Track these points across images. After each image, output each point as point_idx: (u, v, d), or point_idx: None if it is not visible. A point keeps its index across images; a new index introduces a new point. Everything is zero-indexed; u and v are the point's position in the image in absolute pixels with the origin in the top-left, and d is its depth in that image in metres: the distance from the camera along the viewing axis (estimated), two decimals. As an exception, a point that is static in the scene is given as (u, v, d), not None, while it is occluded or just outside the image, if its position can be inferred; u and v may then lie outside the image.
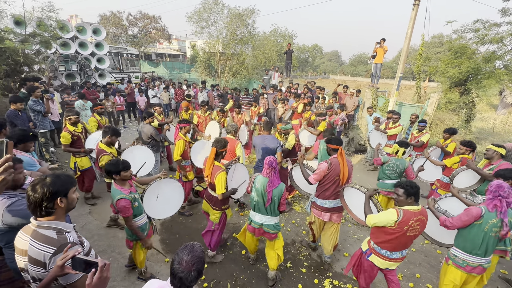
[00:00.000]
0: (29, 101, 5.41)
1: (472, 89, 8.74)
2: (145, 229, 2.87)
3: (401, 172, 4.02)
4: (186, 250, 1.39)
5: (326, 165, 3.21)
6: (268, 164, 2.93)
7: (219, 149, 3.18)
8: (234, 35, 14.70)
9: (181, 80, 14.55)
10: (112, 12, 28.24)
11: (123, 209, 2.55)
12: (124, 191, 2.61)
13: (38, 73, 8.73)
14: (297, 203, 5.14)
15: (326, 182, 3.27)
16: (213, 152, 3.15)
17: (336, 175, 3.20)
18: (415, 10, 6.89)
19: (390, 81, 35.62)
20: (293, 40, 25.05)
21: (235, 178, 3.45)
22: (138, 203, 2.77)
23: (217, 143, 3.18)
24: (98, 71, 12.05)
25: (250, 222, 3.13)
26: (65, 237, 1.44)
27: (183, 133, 4.35)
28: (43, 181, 1.41)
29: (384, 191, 4.16)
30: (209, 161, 3.16)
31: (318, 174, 3.23)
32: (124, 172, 2.66)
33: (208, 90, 10.96)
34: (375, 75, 9.26)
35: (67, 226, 1.50)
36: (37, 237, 1.40)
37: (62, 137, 4.38)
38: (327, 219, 3.37)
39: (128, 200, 2.58)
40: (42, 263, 1.37)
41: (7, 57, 6.60)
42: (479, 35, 8.35)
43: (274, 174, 2.93)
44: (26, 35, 7.42)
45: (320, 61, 62.41)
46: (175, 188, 3.42)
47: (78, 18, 23.57)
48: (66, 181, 1.50)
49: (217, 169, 3.11)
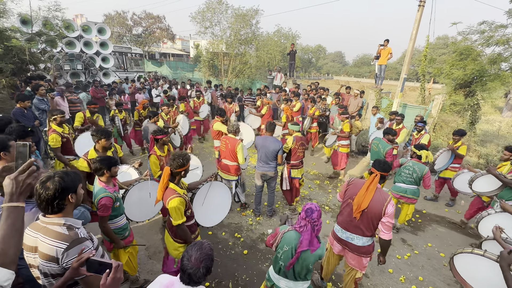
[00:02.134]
0: (34, 100, 5.46)
1: (477, 91, 8.67)
2: (127, 228, 2.79)
3: (418, 177, 3.90)
4: (196, 247, 1.45)
5: (349, 179, 2.73)
6: (305, 212, 2.08)
7: (174, 169, 2.45)
8: (237, 35, 14.73)
9: (185, 79, 14.61)
10: (117, 12, 28.42)
11: (104, 207, 2.43)
12: (109, 189, 2.52)
13: (44, 71, 8.82)
14: (299, 203, 5.12)
15: (343, 200, 2.72)
16: (166, 172, 2.46)
17: (350, 197, 2.59)
18: (420, 11, 6.84)
19: (394, 82, 35.43)
20: (296, 40, 25.05)
21: (210, 201, 2.98)
22: (120, 203, 2.68)
23: (173, 161, 2.45)
24: (102, 70, 12.14)
25: (272, 287, 2.34)
26: (76, 233, 1.47)
27: (158, 146, 3.75)
28: (53, 178, 1.42)
29: (396, 194, 4.11)
30: (161, 183, 2.47)
31: (343, 187, 2.72)
32: (114, 168, 2.59)
33: (212, 90, 11.00)
34: (379, 76, 9.21)
35: (76, 222, 1.53)
36: (48, 233, 1.41)
37: (51, 140, 3.85)
38: (337, 251, 2.80)
39: (111, 198, 2.48)
40: (55, 258, 1.40)
41: (14, 56, 6.68)
42: (485, 36, 8.27)
43: (311, 231, 2.07)
44: (32, 34, 7.50)
45: (323, 61, 62.24)
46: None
47: (84, 18, 23.77)
48: (75, 177, 1.52)
49: (170, 193, 2.40)
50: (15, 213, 1.16)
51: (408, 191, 4.03)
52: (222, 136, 4.63)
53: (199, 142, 8.54)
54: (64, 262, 1.40)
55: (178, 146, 5.81)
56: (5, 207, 1.15)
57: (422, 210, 5.17)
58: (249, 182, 5.86)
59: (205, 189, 2.96)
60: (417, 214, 4.98)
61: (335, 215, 4.80)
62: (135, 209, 3.01)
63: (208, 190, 2.98)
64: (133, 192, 2.96)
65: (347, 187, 2.66)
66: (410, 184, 4.00)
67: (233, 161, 4.23)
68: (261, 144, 4.27)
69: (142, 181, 2.99)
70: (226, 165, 4.30)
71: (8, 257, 1.11)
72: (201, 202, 2.94)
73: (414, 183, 3.98)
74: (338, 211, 4.92)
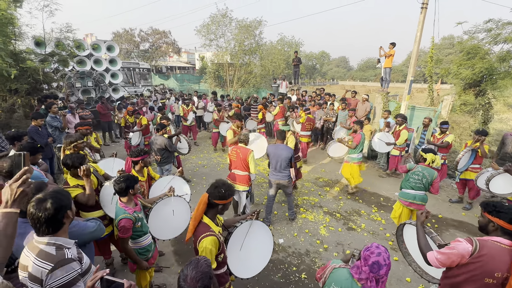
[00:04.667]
0: (47, 117, 5.66)
1: (488, 90, 8.47)
2: (150, 250, 2.73)
3: (427, 182, 3.73)
4: (191, 266, 1.35)
5: (466, 247, 1.81)
6: (370, 267, 1.56)
7: (214, 199, 2.04)
8: (242, 46, 14.99)
9: (191, 91, 14.88)
10: (125, 29, 29.50)
11: (123, 229, 2.37)
12: (128, 210, 2.44)
13: (56, 90, 9.15)
14: (310, 211, 5.05)
15: (460, 277, 1.87)
16: (202, 201, 2.06)
17: (488, 276, 1.76)
18: (423, 14, 6.83)
19: (400, 84, 35.06)
20: (299, 48, 25.28)
21: (249, 245, 2.32)
22: (142, 223, 2.58)
23: (215, 188, 2.05)
24: (112, 85, 12.50)
25: None
26: (63, 253, 1.43)
27: (137, 169, 3.27)
28: (44, 200, 1.42)
29: (405, 201, 3.93)
30: (195, 215, 2.08)
31: (447, 256, 1.87)
32: (136, 185, 2.53)
33: (218, 100, 11.15)
34: (385, 79, 9.14)
35: (67, 241, 1.49)
36: (38, 253, 1.40)
37: (67, 172, 2.99)
38: None
39: (131, 220, 2.41)
40: (39, 279, 1.36)
41: (28, 76, 6.98)
42: (492, 34, 8.14)
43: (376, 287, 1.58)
44: (45, 55, 7.84)
45: (327, 67, 62.40)
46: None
47: (93, 36, 24.67)
48: (67, 196, 1.53)
49: (204, 229, 2.02)
50: (8, 218, 1.21)
51: (417, 197, 3.86)
52: (233, 146, 4.62)
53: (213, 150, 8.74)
54: (47, 284, 1.35)
55: (185, 154, 5.89)
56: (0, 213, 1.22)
57: (438, 215, 5.00)
58: (256, 191, 5.84)
59: (245, 229, 2.28)
60: (433, 219, 4.82)
61: (347, 222, 4.71)
62: (161, 227, 2.86)
63: (248, 231, 2.31)
64: (158, 210, 2.83)
65: (471, 261, 1.80)
66: (419, 190, 3.83)
67: (245, 171, 4.21)
68: (273, 152, 4.33)
69: (166, 197, 2.87)
70: (237, 175, 4.27)
71: None
72: (239, 246, 2.26)
73: (423, 188, 3.80)
74: (350, 218, 4.85)
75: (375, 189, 6.04)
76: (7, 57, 6.09)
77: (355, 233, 4.42)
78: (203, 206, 2.04)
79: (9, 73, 6.03)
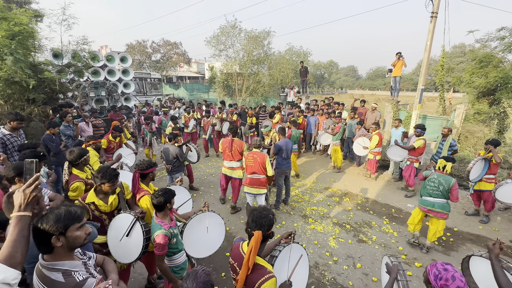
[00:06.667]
0: (61, 126, 5.83)
1: (503, 99, 8.24)
2: (185, 268, 2.60)
3: (445, 190, 3.71)
4: (190, 278, 1.36)
5: None
6: (434, 275, 1.58)
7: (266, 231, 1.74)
8: (250, 56, 15.24)
9: (200, 100, 15.13)
10: (138, 41, 30.55)
11: (159, 246, 2.26)
12: (164, 225, 2.35)
13: (71, 99, 9.48)
14: (318, 222, 4.95)
15: None
16: (257, 238, 1.67)
17: None
18: (433, 22, 6.77)
19: (410, 93, 34.61)
20: (308, 57, 25.44)
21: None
22: (177, 240, 2.49)
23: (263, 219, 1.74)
24: (124, 95, 12.87)
25: None
26: (74, 280, 1.38)
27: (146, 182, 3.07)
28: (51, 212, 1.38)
29: (424, 207, 3.94)
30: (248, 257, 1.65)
31: None
32: (173, 200, 2.45)
33: (226, 109, 11.26)
34: (395, 88, 9.04)
35: (73, 265, 1.43)
36: (45, 280, 1.35)
37: (74, 190, 2.97)
38: None
39: (167, 236, 2.31)
40: None
41: (45, 87, 7.25)
42: (505, 43, 8.00)
43: None
44: (62, 66, 8.16)
45: (336, 76, 62.42)
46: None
47: (108, 48, 25.66)
48: (66, 217, 1.38)
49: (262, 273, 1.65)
50: (23, 221, 1.29)
51: (436, 205, 3.81)
52: (247, 152, 4.75)
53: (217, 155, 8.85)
54: None
55: (194, 162, 5.91)
56: (14, 216, 1.29)
57: (453, 228, 4.80)
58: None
59: (286, 254, 2.05)
60: (448, 233, 4.62)
61: (357, 234, 4.57)
62: (195, 244, 2.71)
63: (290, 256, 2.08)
64: (192, 226, 2.68)
65: None
66: (438, 197, 3.79)
67: (263, 173, 4.53)
68: (284, 145, 5.18)
69: (200, 212, 2.72)
70: (256, 179, 4.53)
71: (16, 259, 1.23)
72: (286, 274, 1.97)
73: (442, 196, 3.76)
74: (360, 229, 4.71)
75: (387, 200, 5.87)
76: (26, 69, 6.35)
77: (366, 246, 4.28)
78: (257, 246, 1.64)
79: (28, 84, 6.29)
